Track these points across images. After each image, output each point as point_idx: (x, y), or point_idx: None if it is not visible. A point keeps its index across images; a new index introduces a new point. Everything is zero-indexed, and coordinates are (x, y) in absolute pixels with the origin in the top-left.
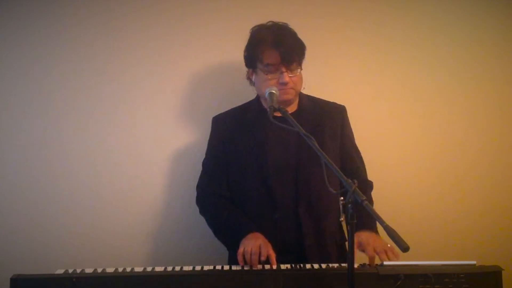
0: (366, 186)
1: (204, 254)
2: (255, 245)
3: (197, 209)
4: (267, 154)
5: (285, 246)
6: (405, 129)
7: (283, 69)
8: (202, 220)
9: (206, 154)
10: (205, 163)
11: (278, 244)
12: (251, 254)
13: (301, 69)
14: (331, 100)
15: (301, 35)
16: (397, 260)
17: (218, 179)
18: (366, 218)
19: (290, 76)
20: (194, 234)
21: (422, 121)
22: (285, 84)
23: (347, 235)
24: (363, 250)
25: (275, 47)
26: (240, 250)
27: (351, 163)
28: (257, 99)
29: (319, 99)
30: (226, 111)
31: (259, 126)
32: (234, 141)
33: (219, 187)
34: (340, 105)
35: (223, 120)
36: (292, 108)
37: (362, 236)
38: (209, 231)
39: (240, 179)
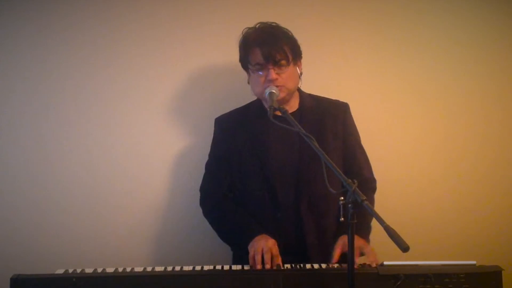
0: (368, 186)
1: (207, 255)
2: (266, 245)
3: (199, 210)
4: (269, 154)
5: (287, 245)
6: (405, 128)
7: (270, 67)
8: (204, 220)
9: (209, 155)
10: (208, 165)
11: (281, 243)
12: (263, 254)
13: (296, 66)
14: (333, 98)
15: (302, 35)
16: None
17: (220, 180)
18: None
19: (278, 73)
20: (196, 234)
21: (422, 121)
22: (272, 81)
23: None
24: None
25: (258, 46)
26: (251, 254)
27: (354, 161)
28: (259, 99)
29: (321, 97)
30: (229, 112)
31: (261, 126)
32: (236, 141)
33: (222, 188)
34: (342, 103)
35: (225, 121)
36: (293, 107)
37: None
38: (211, 232)
39: (243, 179)
